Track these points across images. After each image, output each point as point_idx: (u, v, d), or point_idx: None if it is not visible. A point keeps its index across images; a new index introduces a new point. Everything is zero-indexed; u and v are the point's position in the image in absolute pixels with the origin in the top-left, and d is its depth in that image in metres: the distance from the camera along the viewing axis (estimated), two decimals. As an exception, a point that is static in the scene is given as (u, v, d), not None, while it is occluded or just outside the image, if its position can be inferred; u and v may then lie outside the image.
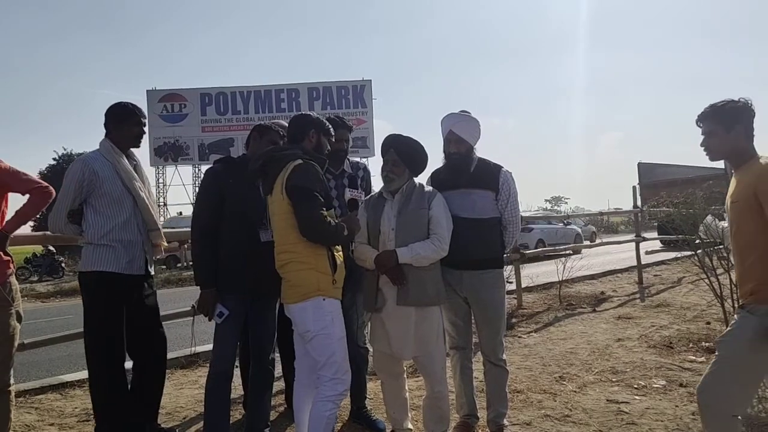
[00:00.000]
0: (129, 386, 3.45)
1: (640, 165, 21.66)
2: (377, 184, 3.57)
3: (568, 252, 11.26)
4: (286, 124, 3.29)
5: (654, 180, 20.24)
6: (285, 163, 2.78)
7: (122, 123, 3.38)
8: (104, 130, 3.42)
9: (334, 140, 3.14)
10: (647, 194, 13.17)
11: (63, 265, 21.07)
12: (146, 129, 3.56)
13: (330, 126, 3.06)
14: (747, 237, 2.48)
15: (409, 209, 3.11)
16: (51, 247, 20.09)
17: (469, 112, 3.39)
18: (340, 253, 2.90)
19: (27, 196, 3.30)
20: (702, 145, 2.61)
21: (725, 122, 2.50)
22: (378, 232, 3.12)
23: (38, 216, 3.83)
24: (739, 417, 2.49)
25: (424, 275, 3.08)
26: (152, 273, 3.53)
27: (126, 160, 3.39)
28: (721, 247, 5.08)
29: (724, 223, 5.08)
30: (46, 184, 3.33)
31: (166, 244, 3.54)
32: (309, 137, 2.93)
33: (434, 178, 3.47)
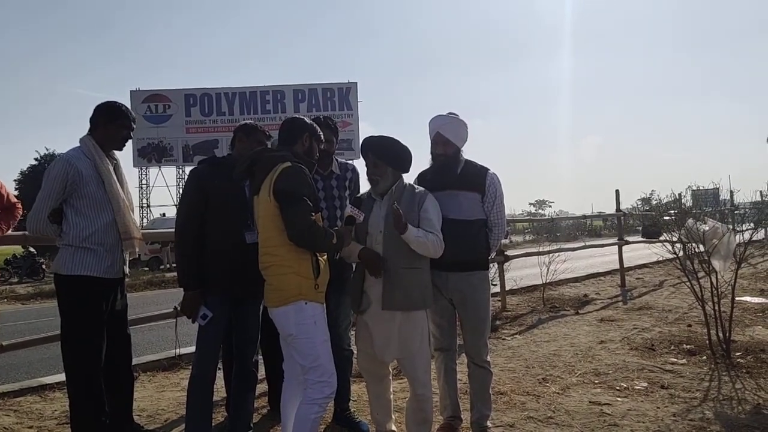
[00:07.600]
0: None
1: None
2: (365, 185, 3.55)
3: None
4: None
5: None
6: (273, 165, 2.75)
7: (112, 122, 3.30)
8: (87, 129, 3.31)
9: (322, 146, 3.14)
10: None
11: (43, 266, 20.67)
12: (133, 134, 3.49)
13: (321, 132, 3.05)
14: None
15: None
16: (31, 249, 19.76)
17: (457, 114, 3.40)
18: (325, 257, 2.88)
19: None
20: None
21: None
22: (366, 232, 3.11)
23: (20, 216, 3.79)
24: None
25: (411, 280, 3.05)
26: (127, 275, 3.48)
27: (107, 160, 3.31)
28: (702, 250, 5.14)
29: (706, 227, 5.16)
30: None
31: (145, 246, 3.52)
32: (302, 140, 2.91)
33: (421, 180, 3.47)
